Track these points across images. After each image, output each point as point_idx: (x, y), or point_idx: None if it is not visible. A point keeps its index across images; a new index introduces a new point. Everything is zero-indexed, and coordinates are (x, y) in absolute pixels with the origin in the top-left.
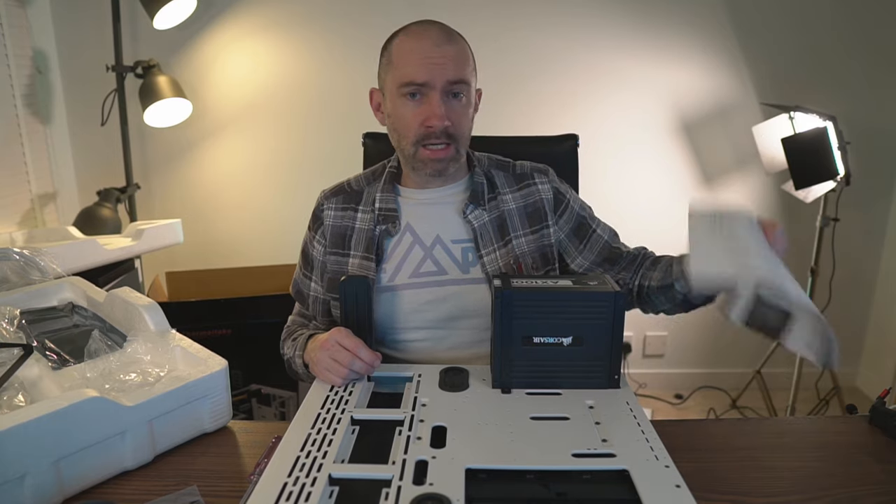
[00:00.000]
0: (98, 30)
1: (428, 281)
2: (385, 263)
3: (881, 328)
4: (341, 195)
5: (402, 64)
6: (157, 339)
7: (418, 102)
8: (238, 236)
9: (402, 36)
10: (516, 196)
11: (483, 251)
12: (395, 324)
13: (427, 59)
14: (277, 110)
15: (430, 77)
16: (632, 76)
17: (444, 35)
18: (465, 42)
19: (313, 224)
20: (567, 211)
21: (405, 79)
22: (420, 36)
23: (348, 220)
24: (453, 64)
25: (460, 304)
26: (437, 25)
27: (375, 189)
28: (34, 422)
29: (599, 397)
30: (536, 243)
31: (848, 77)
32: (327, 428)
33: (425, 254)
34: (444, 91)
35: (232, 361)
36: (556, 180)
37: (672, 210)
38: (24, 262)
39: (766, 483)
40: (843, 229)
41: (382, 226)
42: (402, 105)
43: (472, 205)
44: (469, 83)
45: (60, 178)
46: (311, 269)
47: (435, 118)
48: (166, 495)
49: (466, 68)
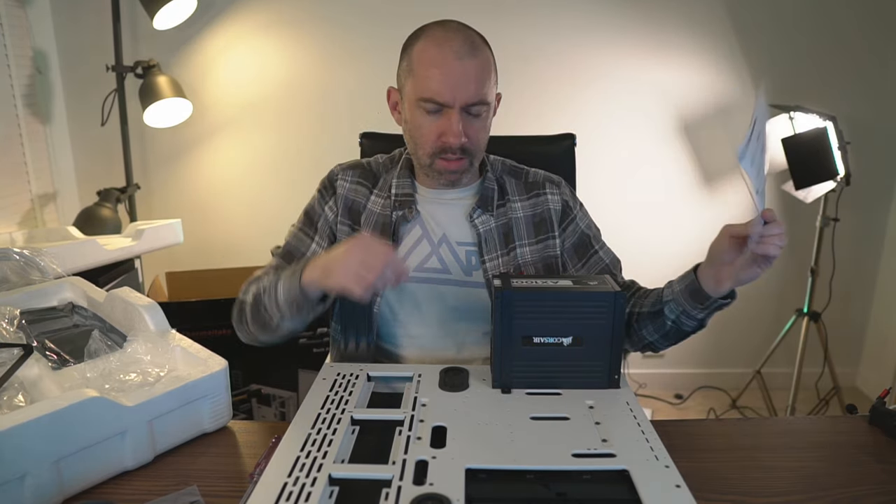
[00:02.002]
0: (98, 30)
1: (431, 277)
2: (395, 250)
3: (881, 328)
4: (358, 170)
5: (422, 76)
6: (157, 339)
7: (437, 116)
8: (238, 236)
9: (424, 41)
10: (525, 205)
11: (486, 256)
12: (397, 315)
13: (448, 75)
14: (277, 110)
15: (451, 98)
16: (631, 76)
17: (467, 45)
18: (488, 48)
19: (325, 191)
20: (571, 225)
21: (425, 94)
22: (442, 45)
23: (361, 196)
24: (475, 84)
25: (459, 305)
26: (461, 34)
27: (392, 176)
28: (34, 422)
29: (599, 397)
30: (540, 253)
31: (848, 77)
32: (327, 428)
33: (432, 250)
34: (463, 109)
35: (232, 361)
36: (567, 193)
37: (671, 210)
38: (24, 262)
39: (766, 483)
40: (843, 229)
41: (399, 211)
42: (421, 116)
43: (479, 209)
44: (489, 102)
45: (60, 178)
46: (315, 231)
47: (452, 135)
48: (166, 495)
49: (487, 84)
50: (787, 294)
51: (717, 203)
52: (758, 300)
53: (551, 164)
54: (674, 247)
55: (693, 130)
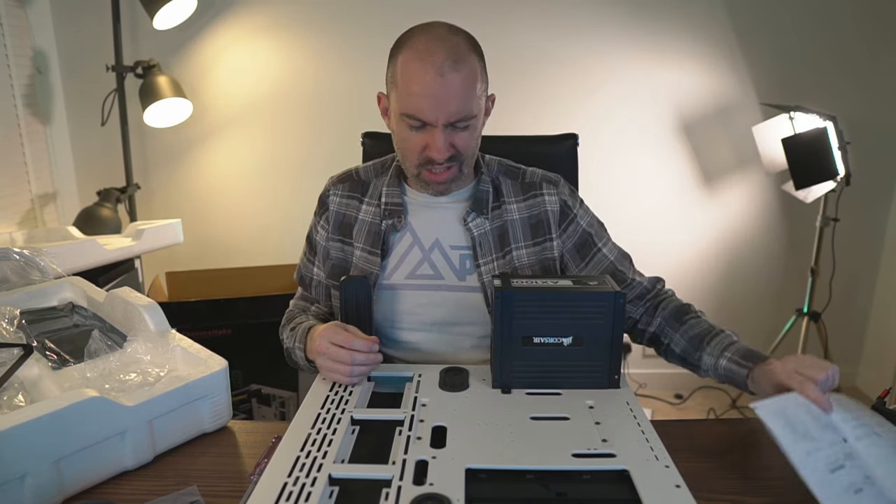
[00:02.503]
0: (98, 30)
1: (424, 284)
2: (387, 259)
3: (881, 328)
4: (347, 182)
5: (404, 90)
6: (157, 339)
7: (421, 131)
8: (238, 236)
9: (407, 52)
10: (521, 206)
11: (481, 260)
12: (393, 323)
13: (430, 94)
14: (277, 110)
15: (434, 117)
16: (632, 76)
17: (450, 60)
18: (476, 56)
19: (319, 209)
20: (572, 225)
21: (407, 110)
22: (424, 59)
23: (352, 209)
24: (457, 100)
25: (455, 310)
26: (445, 43)
27: (382, 182)
28: (34, 422)
29: (599, 397)
30: (537, 256)
31: (848, 77)
32: (327, 428)
33: (423, 256)
34: (447, 124)
35: (232, 361)
36: (565, 192)
37: (672, 210)
38: (24, 262)
39: (766, 483)
40: (843, 229)
41: (388, 220)
42: (405, 130)
43: (473, 212)
44: (475, 115)
45: (60, 178)
46: (315, 254)
47: (436, 151)
48: (166, 495)
49: (471, 98)
50: (787, 294)
51: (718, 203)
52: (758, 300)
53: (553, 164)
54: (674, 247)
55: (694, 130)
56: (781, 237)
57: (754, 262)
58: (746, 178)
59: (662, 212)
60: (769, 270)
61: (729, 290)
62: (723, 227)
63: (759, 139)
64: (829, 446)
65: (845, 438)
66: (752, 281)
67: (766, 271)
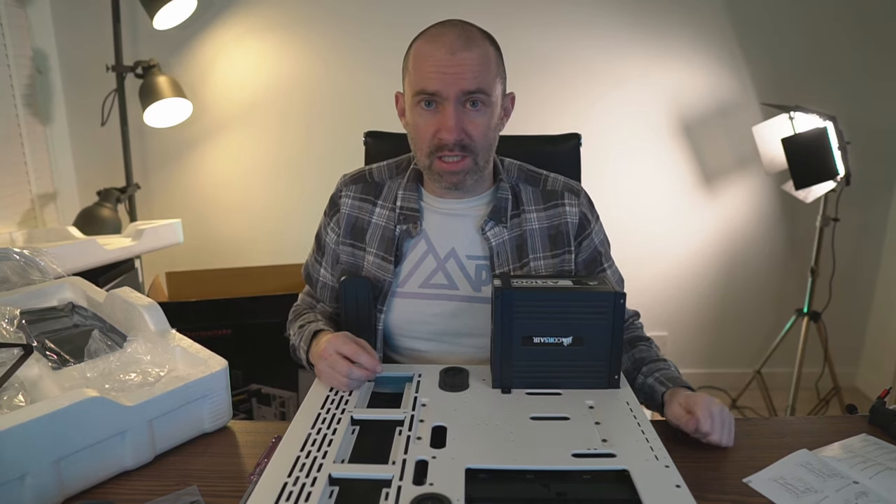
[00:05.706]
0: (98, 30)
1: (438, 293)
2: (400, 266)
3: (881, 328)
4: (361, 184)
5: (416, 71)
6: (157, 339)
7: (433, 112)
8: (238, 236)
9: (421, 39)
10: (541, 216)
11: (498, 271)
12: (401, 331)
13: (440, 67)
14: (277, 110)
15: (443, 87)
16: (633, 76)
17: (461, 40)
18: (490, 44)
19: (330, 209)
20: (587, 240)
21: (417, 87)
22: (436, 40)
23: (365, 213)
24: (470, 73)
25: (468, 321)
26: (457, 29)
27: (397, 185)
28: (34, 422)
29: (599, 397)
30: (555, 268)
31: (848, 77)
32: (327, 428)
33: (437, 265)
34: (459, 101)
35: (232, 361)
36: (585, 204)
37: (673, 209)
38: (24, 262)
39: None
40: (843, 229)
41: (403, 226)
42: (418, 114)
43: (491, 221)
44: (489, 92)
45: (60, 178)
46: (323, 255)
47: (447, 130)
48: (166, 495)
49: (486, 76)
50: (787, 294)
51: (718, 202)
52: (758, 300)
53: (556, 164)
54: (675, 246)
55: (694, 130)
56: (781, 237)
57: (754, 262)
58: (746, 178)
59: (663, 211)
60: (769, 270)
61: (729, 289)
62: (723, 227)
63: (759, 139)
64: (836, 491)
65: (856, 481)
66: (752, 281)
67: (766, 271)
